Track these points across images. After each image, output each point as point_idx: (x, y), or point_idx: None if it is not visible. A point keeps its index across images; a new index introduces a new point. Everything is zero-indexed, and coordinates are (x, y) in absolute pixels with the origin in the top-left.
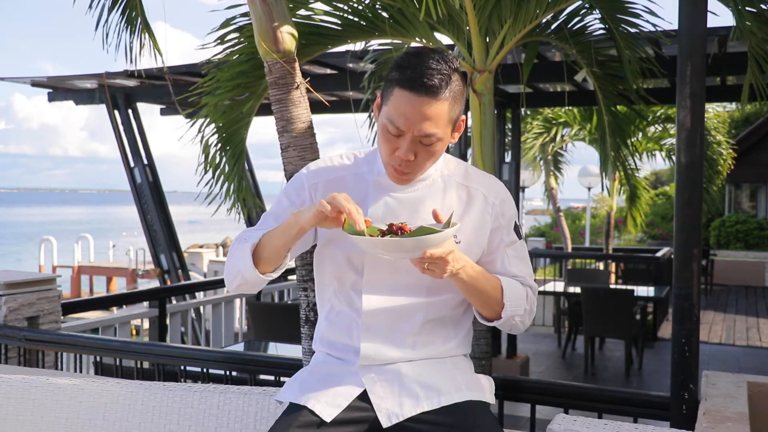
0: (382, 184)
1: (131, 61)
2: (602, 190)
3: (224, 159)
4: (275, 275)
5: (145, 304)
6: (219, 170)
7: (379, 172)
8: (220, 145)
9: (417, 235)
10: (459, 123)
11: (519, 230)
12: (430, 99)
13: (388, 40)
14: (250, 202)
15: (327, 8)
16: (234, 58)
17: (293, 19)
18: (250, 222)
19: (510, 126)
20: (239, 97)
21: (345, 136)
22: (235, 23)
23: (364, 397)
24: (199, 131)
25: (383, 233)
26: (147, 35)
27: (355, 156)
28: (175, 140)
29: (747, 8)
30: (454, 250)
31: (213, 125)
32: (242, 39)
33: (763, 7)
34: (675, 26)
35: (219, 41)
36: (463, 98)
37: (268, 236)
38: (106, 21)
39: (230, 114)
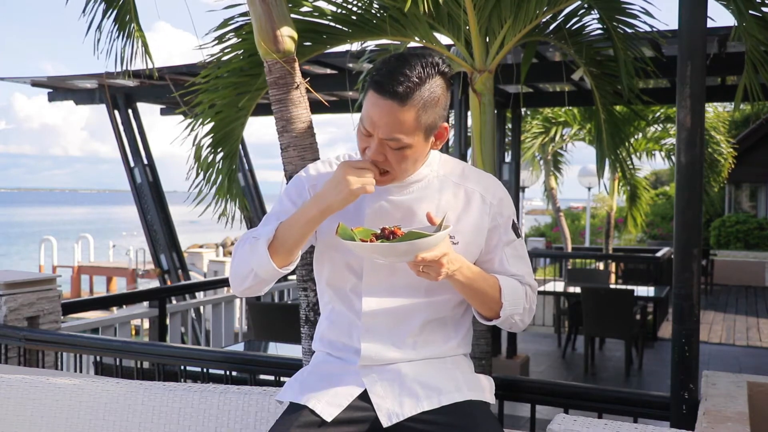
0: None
1: (122, 66)
2: (599, 189)
3: (218, 158)
4: (290, 268)
5: (145, 304)
6: (211, 170)
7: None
8: (213, 144)
9: (407, 239)
10: (439, 130)
11: (517, 229)
12: (396, 104)
13: (388, 41)
14: (240, 204)
15: (327, 8)
16: (232, 55)
17: (293, 18)
18: (250, 222)
19: (510, 126)
20: (237, 95)
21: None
22: (233, 23)
23: (364, 396)
24: (192, 129)
25: (376, 237)
26: (140, 40)
27: (351, 157)
28: (176, 140)
29: (750, 11)
30: (449, 252)
31: (209, 124)
32: (240, 38)
33: (765, 10)
34: (674, 26)
35: (217, 41)
36: (442, 104)
37: (284, 227)
38: (99, 26)
39: (226, 112)
